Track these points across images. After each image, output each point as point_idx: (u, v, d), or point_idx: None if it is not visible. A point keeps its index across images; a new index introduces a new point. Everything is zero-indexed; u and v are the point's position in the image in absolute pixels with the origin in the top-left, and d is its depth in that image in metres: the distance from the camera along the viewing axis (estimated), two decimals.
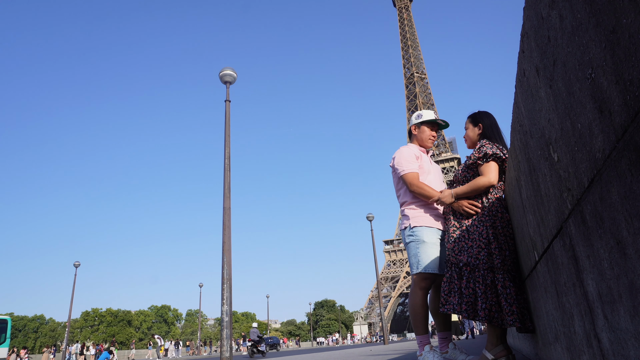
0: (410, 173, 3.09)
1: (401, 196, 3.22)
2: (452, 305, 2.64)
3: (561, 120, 0.96)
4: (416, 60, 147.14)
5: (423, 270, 2.96)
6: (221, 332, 8.65)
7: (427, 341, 3.02)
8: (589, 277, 0.98)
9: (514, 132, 1.77)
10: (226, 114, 10.23)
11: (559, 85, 0.93)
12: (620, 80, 0.64)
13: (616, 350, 0.87)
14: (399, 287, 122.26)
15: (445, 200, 2.78)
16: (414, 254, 3.03)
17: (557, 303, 1.46)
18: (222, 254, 8.99)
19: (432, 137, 3.34)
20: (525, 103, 1.35)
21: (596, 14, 0.69)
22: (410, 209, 3.12)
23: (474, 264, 2.51)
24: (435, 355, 2.90)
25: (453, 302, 2.64)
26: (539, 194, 1.39)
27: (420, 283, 2.99)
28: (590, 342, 1.07)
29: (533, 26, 1.08)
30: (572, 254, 1.11)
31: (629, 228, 0.69)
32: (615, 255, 0.78)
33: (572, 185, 0.97)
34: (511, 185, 2.22)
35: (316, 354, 10.81)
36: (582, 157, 0.86)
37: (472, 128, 2.87)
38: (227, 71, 10.47)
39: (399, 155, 3.22)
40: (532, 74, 1.17)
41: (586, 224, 0.92)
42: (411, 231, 3.06)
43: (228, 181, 9.62)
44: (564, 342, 1.46)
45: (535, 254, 1.74)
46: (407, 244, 3.09)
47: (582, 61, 0.78)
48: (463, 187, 2.71)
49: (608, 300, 0.86)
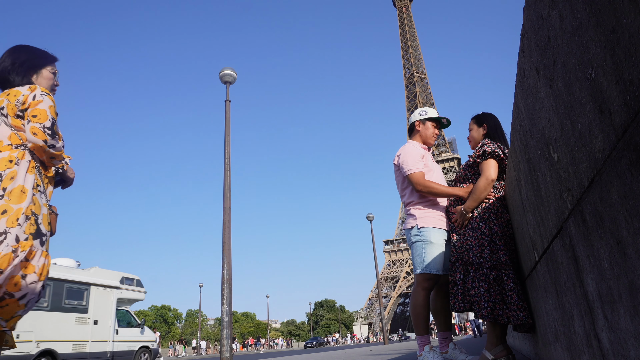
0: (416, 172, 3.06)
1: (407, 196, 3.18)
2: (461, 305, 2.65)
3: (561, 120, 0.96)
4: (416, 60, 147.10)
5: (427, 271, 2.95)
6: (221, 332, 8.65)
7: (428, 341, 3.01)
8: (589, 277, 0.98)
9: (514, 132, 1.77)
10: (226, 114, 10.23)
11: (559, 85, 0.93)
12: (620, 80, 0.64)
13: (616, 350, 0.86)
14: (399, 287, 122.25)
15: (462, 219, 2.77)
16: (419, 254, 3.01)
17: (557, 303, 1.46)
18: (222, 254, 8.99)
19: (435, 135, 3.32)
20: (525, 103, 1.35)
21: (596, 14, 0.69)
22: (417, 209, 3.09)
23: (478, 262, 2.52)
24: (435, 355, 2.89)
25: (461, 301, 2.65)
26: (539, 194, 1.39)
27: (423, 283, 2.98)
28: (590, 342, 1.07)
29: (533, 26, 1.08)
30: (572, 254, 1.11)
31: (629, 228, 0.69)
32: (615, 255, 0.78)
33: (572, 185, 0.97)
34: (511, 185, 2.22)
35: (316, 354, 10.81)
36: (582, 157, 0.86)
37: (476, 129, 2.89)
38: (227, 71, 10.47)
39: (404, 153, 3.18)
40: (532, 74, 1.17)
41: (586, 224, 0.92)
42: (418, 231, 3.04)
43: (228, 181, 9.62)
44: (564, 342, 1.46)
45: (535, 254, 1.74)
46: (413, 243, 3.07)
47: (582, 61, 0.78)
48: (469, 202, 2.70)
49: (608, 300, 0.86)
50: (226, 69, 10.51)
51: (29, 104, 1.86)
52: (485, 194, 2.65)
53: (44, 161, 1.90)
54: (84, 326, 10.63)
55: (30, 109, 1.85)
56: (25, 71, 1.99)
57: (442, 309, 3.10)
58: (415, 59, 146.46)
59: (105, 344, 11.16)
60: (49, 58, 2.10)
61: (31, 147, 1.85)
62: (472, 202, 2.68)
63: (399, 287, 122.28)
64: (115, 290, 11.92)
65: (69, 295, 10.41)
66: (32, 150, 1.86)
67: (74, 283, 10.63)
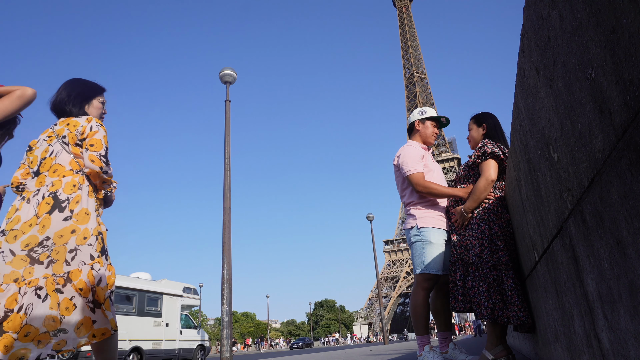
0: (416, 173, 3.06)
1: (407, 196, 3.18)
2: (461, 305, 2.65)
3: (561, 120, 0.96)
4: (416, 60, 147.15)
5: (427, 271, 2.95)
6: (221, 332, 8.65)
7: (428, 341, 3.01)
8: (589, 277, 0.98)
9: (514, 132, 1.77)
10: (226, 114, 10.23)
11: (559, 85, 0.93)
12: (620, 80, 0.64)
13: (616, 350, 0.86)
14: (399, 287, 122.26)
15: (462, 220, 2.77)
16: (419, 254, 3.01)
17: (557, 303, 1.46)
18: (222, 254, 8.99)
19: (435, 134, 3.32)
20: (525, 103, 1.35)
21: (596, 14, 0.69)
22: (417, 209, 3.10)
23: (478, 262, 2.52)
24: (435, 355, 2.89)
25: (462, 302, 2.65)
26: (539, 194, 1.39)
27: (423, 283, 2.98)
28: (590, 342, 1.07)
29: (533, 26, 1.08)
30: (572, 254, 1.11)
31: (629, 228, 0.69)
32: (615, 255, 0.78)
33: (572, 185, 0.97)
34: (511, 185, 2.22)
35: (316, 354, 10.81)
36: (582, 157, 0.86)
37: (476, 129, 2.89)
38: (227, 71, 10.46)
39: (404, 154, 3.18)
40: (532, 74, 1.17)
41: (586, 224, 0.92)
42: (418, 231, 3.04)
43: (228, 181, 9.62)
44: (564, 342, 1.46)
45: (535, 254, 1.74)
46: (413, 243, 3.07)
47: (582, 61, 0.78)
48: (469, 202, 2.70)
49: (608, 300, 0.86)
50: (226, 69, 10.51)
51: (87, 134, 2.12)
52: (486, 195, 2.64)
53: (96, 185, 2.15)
54: (159, 328, 13.04)
55: (88, 139, 2.11)
56: (80, 102, 2.25)
57: (442, 309, 3.10)
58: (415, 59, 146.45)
59: (174, 342, 13.56)
60: (99, 89, 2.35)
61: (87, 172, 2.10)
62: (472, 202, 2.68)
63: (399, 287, 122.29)
64: (179, 298, 14.37)
65: (148, 302, 12.85)
66: (88, 175, 2.11)
67: (152, 293, 13.08)
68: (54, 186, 1.99)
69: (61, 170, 2.05)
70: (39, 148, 2.12)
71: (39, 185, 2.01)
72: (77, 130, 2.12)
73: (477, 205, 2.67)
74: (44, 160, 2.08)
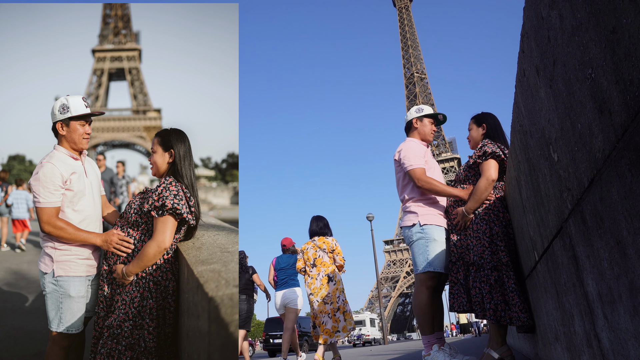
0: (417, 168, 3.03)
1: (407, 192, 3.14)
2: (461, 306, 2.65)
3: (561, 120, 0.96)
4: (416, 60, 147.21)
5: (432, 269, 2.92)
6: None
7: (435, 340, 2.99)
8: (589, 277, 0.98)
9: (514, 132, 1.77)
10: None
11: (559, 85, 0.93)
12: (620, 80, 0.64)
13: (616, 350, 0.86)
14: (399, 287, 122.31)
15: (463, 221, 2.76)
16: (422, 252, 2.97)
17: (557, 303, 1.46)
18: None
19: (433, 131, 3.32)
20: (525, 103, 1.35)
21: (596, 14, 0.69)
22: (419, 206, 3.06)
23: (479, 263, 2.52)
24: (445, 354, 2.87)
25: (462, 302, 2.64)
26: (539, 194, 1.39)
27: (427, 282, 2.95)
28: (590, 342, 1.07)
29: (533, 26, 1.08)
30: (572, 254, 1.11)
31: (629, 228, 0.69)
32: (615, 255, 0.78)
33: (572, 185, 0.97)
34: (511, 185, 2.22)
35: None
36: (582, 157, 0.86)
37: (475, 129, 2.88)
38: None
39: (406, 149, 3.14)
40: (532, 74, 1.17)
41: (586, 224, 0.92)
42: (421, 229, 3.00)
43: None
44: (564, 342, 1.46)
45: (535, 254, 1.74)
46: (415, 241, 3.02)
47: (582, 61, 0.78)
48: (470, 203, 2.69)
49: (608, 300, 0.86)
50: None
51: (335, 249, 4.98)
52: (486, 195, 2.64)
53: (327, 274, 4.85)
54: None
55: (335, 250, 4.96)
56: (329, 229, 5.16)
57: (436, 309, 3.09)
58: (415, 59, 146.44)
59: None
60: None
61: (338, 266, 4.91)
62: (473, 203, 2.67)
63: (399, 287, 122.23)
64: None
65: None
66: (339, 268, 4.97)
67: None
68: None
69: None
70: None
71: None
72: (330, 246, 5.12)
73: (478, 206, 2.67)
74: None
